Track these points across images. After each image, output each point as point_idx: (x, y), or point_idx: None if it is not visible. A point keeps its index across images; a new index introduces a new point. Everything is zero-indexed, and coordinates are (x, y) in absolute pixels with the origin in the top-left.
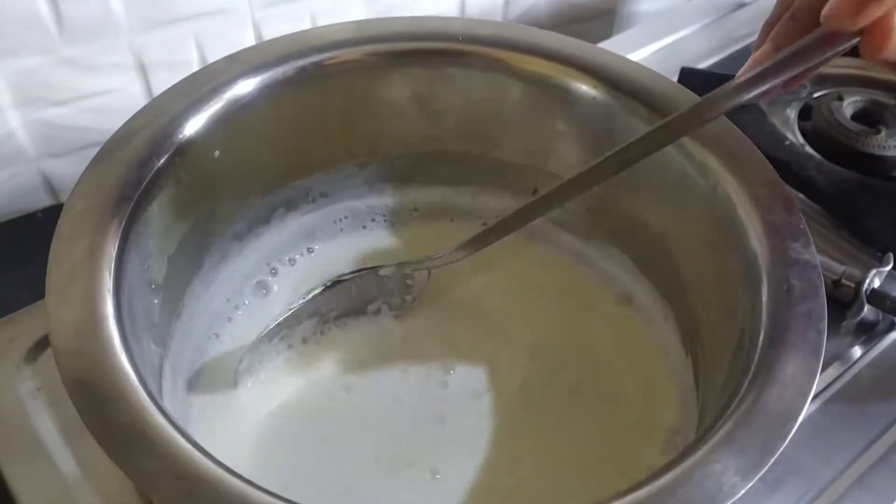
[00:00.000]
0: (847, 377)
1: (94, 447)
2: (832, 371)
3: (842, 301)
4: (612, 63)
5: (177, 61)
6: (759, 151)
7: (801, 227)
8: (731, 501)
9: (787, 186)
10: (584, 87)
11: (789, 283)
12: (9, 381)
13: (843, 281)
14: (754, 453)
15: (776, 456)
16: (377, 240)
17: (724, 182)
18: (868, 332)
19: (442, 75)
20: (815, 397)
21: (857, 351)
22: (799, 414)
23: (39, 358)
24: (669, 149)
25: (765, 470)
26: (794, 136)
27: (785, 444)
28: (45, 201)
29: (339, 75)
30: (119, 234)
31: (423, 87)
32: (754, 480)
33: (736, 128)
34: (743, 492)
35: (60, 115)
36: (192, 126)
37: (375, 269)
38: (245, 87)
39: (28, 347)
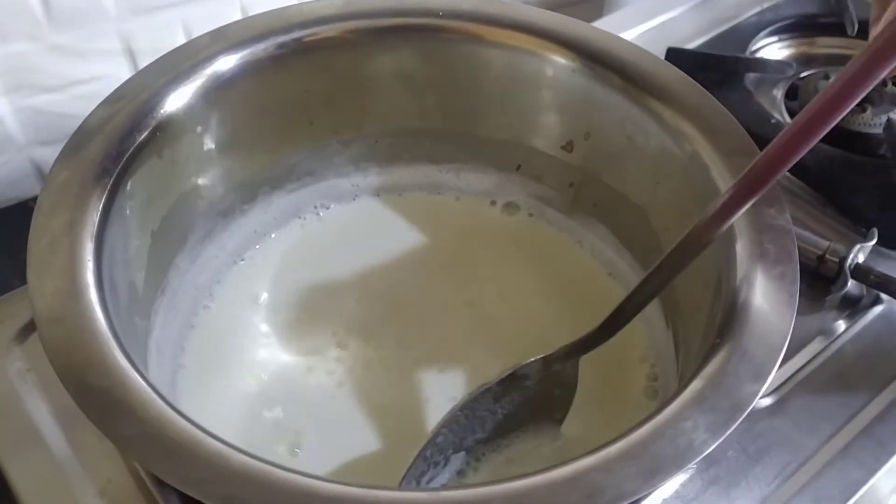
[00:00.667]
0: (831, 350)
1: (84, 427)
2: (816, 345)
3: (826, 276)
4: (589, 36)
5: (165, 46)
6: (736, 121)
7: (776, 193)
8: (701, 457)
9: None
10: (563, 61)
11: (763, 248)
12: None
13: (828, 256)
14: (724, 411)
15: (745, 414)
16: (364, 217)
17: (702, 151)
18: (852, 307)
19: (423, 51)
20: (799, 370)
21: (841, 325)
22: (769, 374)
23: (29, 339)
24: (649, 121)
25: (734, 427)
26: (782, 116)
27: (754, 404)
28: (37, 189)
29: (321, 52)
30: (100, 208)
31: (405, 64)
32: (724, 437)
33: (714, 99)
34: (712, 448)
35: (50, 102)
36: (174, 101)
37: (511, 375)
38: (227, 63)
39: (18, 329)
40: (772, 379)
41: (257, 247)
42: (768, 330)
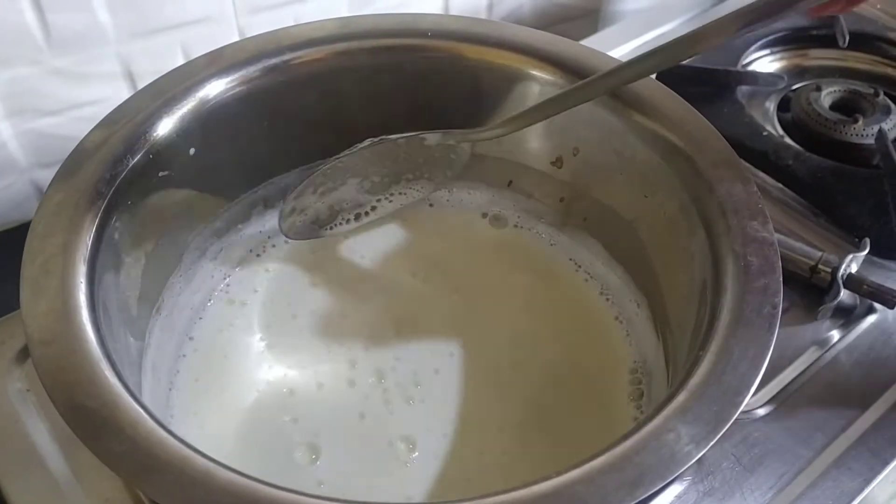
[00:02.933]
0: (825, 360)
1: (82, 446)
2: (810, 355)
3: (819, 286)
4: (574, 53)
5: (164, 69)
6: (718, 133)
7: (759, 206)
8: (685, 468)
9: (745, 167)
10: (549, 78)
11: (747, 260)
12: None
13: (821, 266)
14: (707, 423)
15: (728, 425)
16: (359, 238)
17: (686, 164)
18: (846, 317)
19: (413, 71)
20: (793, 380)
21: (835, 335)
22: (751, 385)
23: (29, 360)
24: (635, 135)
25: (717, 439)
26: (774, 128)
27: (737, 415)
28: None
29: (312, 73)
30: (93, 230)
31: (395, 83)
32: (707, 448)
33: (697, 112)
34: (696, 458)
35: (51, 126)
36: (167, 124)
37: (419, 134)
38: (219, 85)
39: (18, 350)
40: (754, 389)
41: (251, 265)
42: (751, 341)
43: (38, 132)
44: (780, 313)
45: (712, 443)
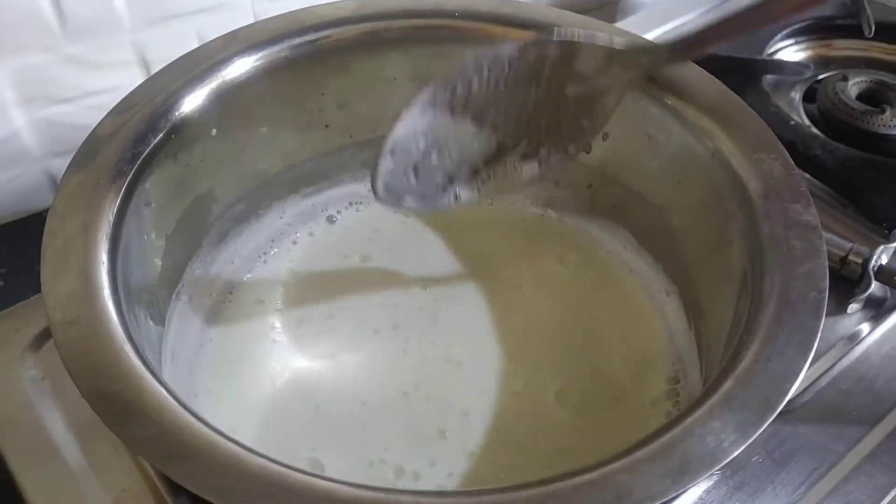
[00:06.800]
0: (856, 354)
1: (99, 435)
2: (841, 348)
3: (850, 278)
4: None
5: None
6: (757, 116)
7: (802, 189)
8: (732, 457)
9: (785, 150)
10: None
11: (790, 244)
12: (13, 369)
13: (851, 258)
14: (754, 411)
15: (776, 414)
16: (381, 224)
17: (724, 147)
18: (877, 309)
19: (439, 52)
20: (823, 374)
21: (865, 327)
22: (799, 373)
23: (43, 347)
24: (670, 118)
25: (764, 427)
26: (800, 117)
27: (784, 402)
28: (52, 200)
29: (335, 54)
30: (114, 210)
31: (421, 65)
32: (754, 437)
33: (735, 95)
34: (743, 447)
35: (65, 113)
36: (189, 104)
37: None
38: (242, 65)
39: (32, 337)
40: (803, 376)
41: (272, 252)
42: (798, 327)
43: (51, 120)
44: (826, 298)
45: (760, 430)
